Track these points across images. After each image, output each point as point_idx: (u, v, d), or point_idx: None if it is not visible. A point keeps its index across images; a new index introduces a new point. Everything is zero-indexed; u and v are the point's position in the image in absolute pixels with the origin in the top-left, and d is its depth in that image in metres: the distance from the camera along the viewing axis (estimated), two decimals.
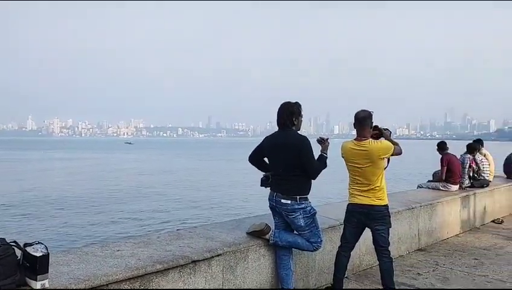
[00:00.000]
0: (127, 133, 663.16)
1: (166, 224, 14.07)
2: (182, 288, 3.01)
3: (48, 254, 2.33)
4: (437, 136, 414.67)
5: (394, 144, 3.79)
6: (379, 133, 3.88)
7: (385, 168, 3.84)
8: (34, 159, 56.50)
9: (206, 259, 3.19)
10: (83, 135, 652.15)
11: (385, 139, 3.82)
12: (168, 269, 2.92)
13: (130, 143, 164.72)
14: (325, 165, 3.66)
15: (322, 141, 3.80)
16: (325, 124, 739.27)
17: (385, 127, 3.96)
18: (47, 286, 2.32)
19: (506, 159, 9.52)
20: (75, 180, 28.32)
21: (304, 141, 3.55)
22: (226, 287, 3.34)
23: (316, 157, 3.61)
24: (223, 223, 4.28)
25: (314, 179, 3.61)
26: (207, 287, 3.19)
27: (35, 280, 2.28)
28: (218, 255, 3.28)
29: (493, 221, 7.60)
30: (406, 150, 4.15)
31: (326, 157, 3.71)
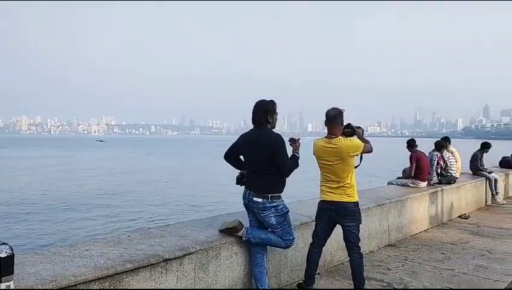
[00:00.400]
0: (98, 131, 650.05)
1: (138, 223, 13.88)
2: (153, 287, 2.97)
3: (13, 254, 2.25)
4: (407, 134, 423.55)
5: (365, 142, 3.85)
6: (352, 131, 3.93)
7: (357, 166, 3.90)
8: None
9: (178, 258, 3.16)
10: (52, 132, 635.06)
11: (357, 137, 3.87)
12: (139, 268, 2.87)
13: (101, 141, 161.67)
14: (297, 165, 3.69)
15: (294, 141, 3.82)
16: (299, 122, 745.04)
17: (358, 125, 4.01)
18: (12, 287, 2.25)
19: (472, 156, 9.83)
20: (40, 180, 27.56)
21: (278, 139, 3.56)
22: (198, 286, 3.32)
23: (289, 157, 3.64)
24: (195, 221, 4.25)
25: (286, 177, 3.64)
26: (179, 286, 3.17)
27: (0, 282, 2.21)
28: (190, 254, 3.26)
29: (460, 216, 7.83)
30: (377, 147, 4.23)
31: (298, 158, 3.74)
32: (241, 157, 3.82)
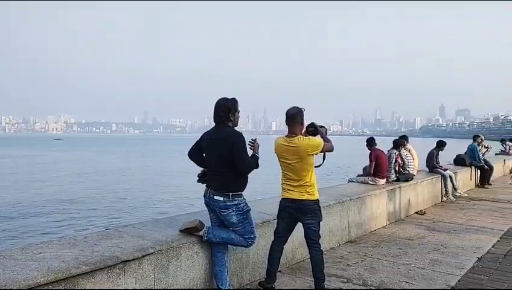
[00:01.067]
0: (56, 129, 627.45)
1: (95, 224, 13.47)
2: (110, 289, 2.89)
3: None
4: (368, 132, 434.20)
5: (327, 141, 3.90)
6: (315, 130, 3.96)
7: (320, 166, 3.95)
8: None
9: (137, 259, 3.09)
10: (6, 130, 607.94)
11: (320, 136, 3.91)
12: (95, 270, 2.79)
13: (59, 139, 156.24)
14: (256, 165, 3.68)
15: (252, 143, 3.82)
16: (263, 120, 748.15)
17: (321, 125, 4.06)
18: None
19: (428, 154, 10.18)
20: None
21: (239, 137, 3.55)
22: (158, 287, 3.27)
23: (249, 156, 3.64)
24: (155, 221, 4.18)
25: (244, 175, 3.62)
26: (137, 288, 3.10)
27: None
28: (149, 254, 3.19)
29: (416, 212, 8.09)
30: (339, 146, 4.30)
31: (258, 158, 3.73)
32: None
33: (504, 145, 18.82)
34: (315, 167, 3.91)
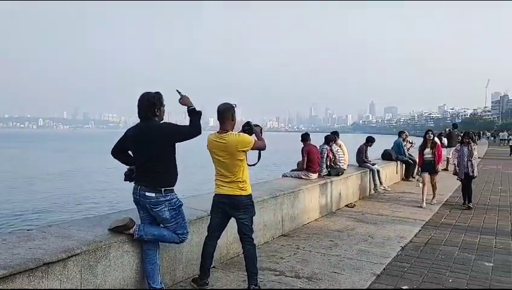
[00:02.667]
0: None
1: (16, 225, 12.56)
2: None
3: None
4: (303, 128, 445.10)
5: (260, 139, 3.93)
6: (250, 129, 3.98)
7: (254, 164, 3.97)
8: None
9: (61, 260, 2.95)
10: None
11: (255, 135, 3.94)
12: (15, 274, 2.63)
13: None
14: (197, 115, 3.53)
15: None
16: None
17: (256, 124, 4.08)
18: None
19: (358, 149, 10.64)
20: None
21: (163, 125, 3.54)
22: (85, 288, 3.13)
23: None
24: (82, 220, 4.01)
25: (196, 134, 3.50)
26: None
27: None
28: (75, 255, 3.06)
29: (347, 205, 8.43)
30: (274, 141, 4.37)
31: (194, 108, 3.56)
32: (129, 152, 3.68)
33: None
34: (250, 165, 3.95)
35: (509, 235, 6.25)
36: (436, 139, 21.47)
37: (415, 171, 12.55)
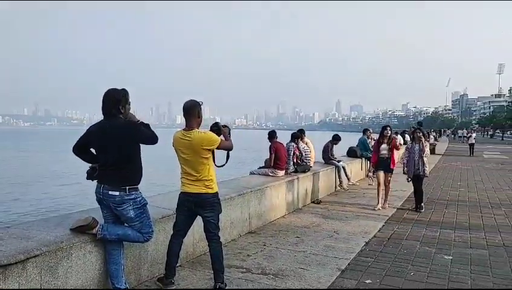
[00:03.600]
0: None
1: None
2: None
3: None
4: (271, 126, 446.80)
5: (228, 140, 3.91)
6: (218, 129, 3.95)
7: (223, 165, 3.96)
8: None
9: (20, 262, 2.85)
10: None
11: (223, 136, 3.91)
12: None
13: None
14: (150, 131, 3.54)
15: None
16: (167, 113, 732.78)
17: (224, 124, 4.05)
18: None
19: (324, 147, 10.80)
20: None
21: (129, 124, 3.49)
22: None
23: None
24: (43, 220, 3.89)
25: (155, 142, 3.53)
26: None
27: None
28: (35, 257, 2.96)
29: (313, 202, 8.54)
30: (242, 139, 4.35)
31: (144, 124, 3.58)
32: (92, 150, 3.59)
33: None
34: (218, 166, 3.93)
35: (467, 229, 6.50)
36: (399, 136, 21.94)
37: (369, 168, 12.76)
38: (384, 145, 8.12)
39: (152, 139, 3.51)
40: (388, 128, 8.30)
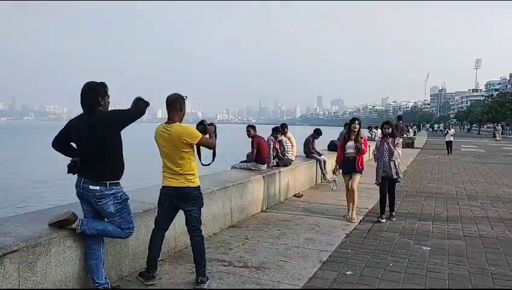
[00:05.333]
0: None
1: None
2: None
3: None
4: (253, 120, 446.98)
5: (211, 137, 3.88)
6: (204, 127, 3.92)
7: (209, 164, 3.95)
8: None
9: None
10: None
11: (208, 134, 3.88)
12: None
13: None
14: (144, 104, 3.55)
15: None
16: (148, 107, 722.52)
17: (210, 122, 4.02)
18: None
19: (305, 140, 10.86)
20: None
21: (109, 113, 3.47)
22: (24, 286, 2.99)
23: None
24: (20, 215, 3.82)
25: (140, 114, 3.52)
26: None
27: None
28: (12, 252, 2.90)
29: (294, 195, 8.60)
30: (225, 133, 4.33)
31: (139, 98, 3.58)
32: (72, 144, 3.54)
33: (371, 132, 20.92)
34: (204, 165, 3.92)
35: (445, 221, 6.64)
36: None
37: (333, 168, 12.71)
38: (350, 143, 6.75)
39: (139, 112, 3.50)
40: (357, 121, 6.85)
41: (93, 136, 3.37)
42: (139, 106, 3.52)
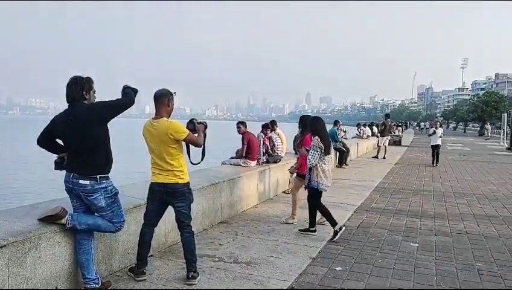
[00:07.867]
0: None
1: None
2: None
3: None
4: (242, 117, 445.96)
5: (200, 136, 3.85)
6: (193, 126, 3.90)
7: (198, 163, 3.93)
8: None
9: None
10: None
11: (198, 132, 3.85)
12: None
13: None
14: (133, 92, 3.61)
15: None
16: (136, 103, 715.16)
17: (200, 121, 4.00)
18: None
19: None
20: None
21: (94, 105, 3.44)
22: (13, 282, 2.96)
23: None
24: (9, 210, 3.77)
25: (131, 103, 3.57)
26: None
27: None
28: (1, 247, 2.87)
29: (284, 192, 8.62)
30: (214, 130, 4.31)
31: (127, 86, 3.63)
32: (58, 140, 3.50)
33: (359, 130, 21.06)
34: (193, 164, 3.91)
35: (432, 218, 6.73)
36: (367, 128, 22.21)
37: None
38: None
39: (129, 101, 3.55)
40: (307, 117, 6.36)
41: (78, 130, 3.34)
42: (129, 95, 3.56)
